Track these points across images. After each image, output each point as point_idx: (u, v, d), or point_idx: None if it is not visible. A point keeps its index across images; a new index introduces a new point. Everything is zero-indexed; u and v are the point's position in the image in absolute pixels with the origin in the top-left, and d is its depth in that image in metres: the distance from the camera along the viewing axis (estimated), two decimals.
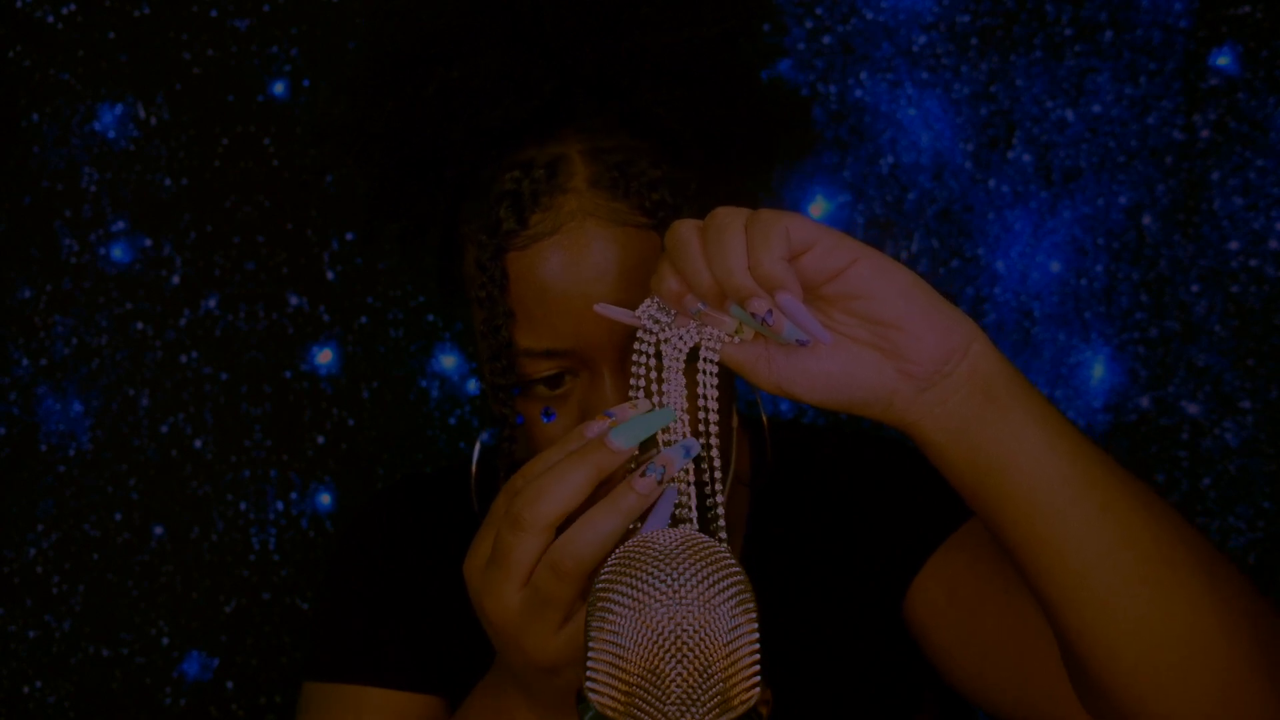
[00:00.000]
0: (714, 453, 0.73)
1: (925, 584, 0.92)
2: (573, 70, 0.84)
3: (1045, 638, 0.79)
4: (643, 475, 0.69)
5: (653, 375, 0.74)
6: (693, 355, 0.72)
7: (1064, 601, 0.71)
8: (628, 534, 0.70)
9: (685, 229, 0.69)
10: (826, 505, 0.99)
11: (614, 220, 0.81)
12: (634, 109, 0.83)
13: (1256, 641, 0.71)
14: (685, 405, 0.73)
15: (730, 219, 0.67)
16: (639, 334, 0.73)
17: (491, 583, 0.72)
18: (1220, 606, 0.70)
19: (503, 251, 0.82)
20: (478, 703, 0.83)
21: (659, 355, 0.73)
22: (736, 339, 0.71)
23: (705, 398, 0.72)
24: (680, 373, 0.72)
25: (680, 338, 0.72)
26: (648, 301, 0.73)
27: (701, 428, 0.72)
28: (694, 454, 0.71)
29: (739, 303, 0.67)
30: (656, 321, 0.73)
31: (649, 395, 0.74)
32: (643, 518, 0.71)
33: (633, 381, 0.74)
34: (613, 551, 0.68)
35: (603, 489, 0.72)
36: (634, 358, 0.74)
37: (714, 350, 0.71)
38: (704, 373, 0.71)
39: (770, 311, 0.65)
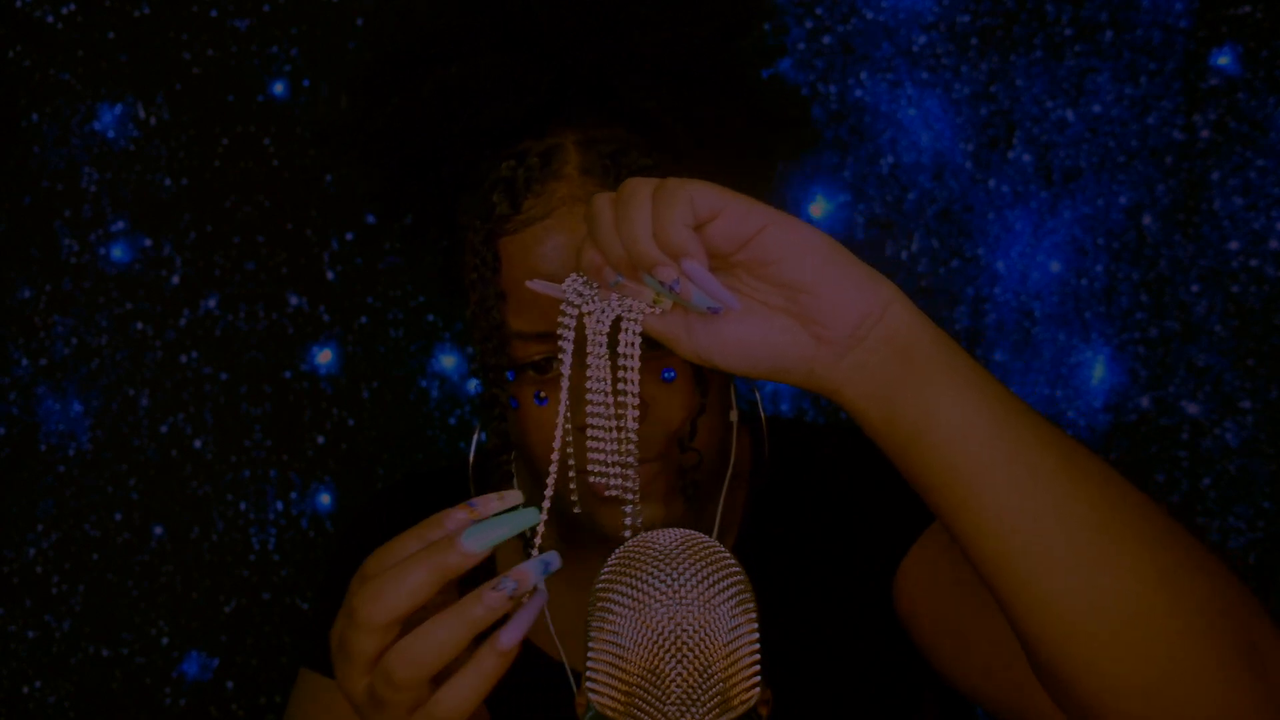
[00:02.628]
0: (629, 421, 0.71)
1: (910, 573, 0.92)
2: (569, 69, 0.84)
3: None
4: (495, 589, 0.65)
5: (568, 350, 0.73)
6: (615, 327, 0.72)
7: (994, 571, 0.69)
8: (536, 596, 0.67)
9: (600, 200, 0.69)
10: (825, 504, 0.99)
11: None
12: (629, 107, 0.84)
13: (1208, 613, 0.67)
14: (609, 378, 0.72)
15: (637, 188, 0.67)
16: (563, 308, 0.73)
17: (338, 663, 0.69)
18: (1166, 578, 0.67)
19: (496, 236, 0.83)
20: None
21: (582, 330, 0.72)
22: (657, 310, 0.70)
23: (626, 369, 0.71)
24: (604, 346, 0.71)
25: (603, 310, 0.71)
26: (573, 275, 0.73)
27: (621, 399, 0.71)
28: (553, 568, 0.68)
29: (647, 271, 0.66)
30: (580, 295, 0.72)
31: (575, 371, 0.73)
32: (501, 623, 0.66)
33: (560, 356, 0.73)
34: (454, 658, 0.65)
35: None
36: (559, 333, 0.73)
37: (635, 321, 0.71)
38: (625, 344, 0.70)
39: (678, 279, 0.65)
